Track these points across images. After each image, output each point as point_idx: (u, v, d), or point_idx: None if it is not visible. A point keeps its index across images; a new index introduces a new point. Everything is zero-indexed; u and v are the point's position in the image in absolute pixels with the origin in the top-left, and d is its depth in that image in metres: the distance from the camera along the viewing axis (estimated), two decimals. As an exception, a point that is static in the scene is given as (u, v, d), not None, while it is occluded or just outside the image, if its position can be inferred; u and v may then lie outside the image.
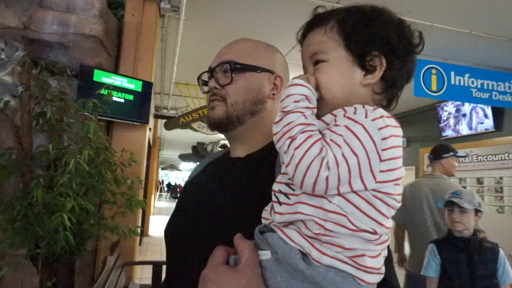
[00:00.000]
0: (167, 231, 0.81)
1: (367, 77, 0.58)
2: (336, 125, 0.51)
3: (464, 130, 6.40)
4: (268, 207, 0.60)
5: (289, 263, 0.50)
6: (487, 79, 4.68)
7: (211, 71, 0.82)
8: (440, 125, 6.85)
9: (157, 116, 7.82)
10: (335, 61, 0.58)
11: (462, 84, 4.56)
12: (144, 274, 4.83)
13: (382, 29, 0.58)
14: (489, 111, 5.84)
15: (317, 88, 0.58)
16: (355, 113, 0.51)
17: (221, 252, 0.58)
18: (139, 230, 2.84)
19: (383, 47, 0.57)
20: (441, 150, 2.87)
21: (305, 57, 0.63)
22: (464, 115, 6.35)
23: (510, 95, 4.80)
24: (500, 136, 5.83)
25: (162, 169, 27.64)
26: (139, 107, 3.32)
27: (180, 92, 6.58)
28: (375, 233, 0.50)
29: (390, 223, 0.53)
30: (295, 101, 0.54)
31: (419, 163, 7.49)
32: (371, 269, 0.51)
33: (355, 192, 0.49)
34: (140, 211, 3.30)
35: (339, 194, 0.49)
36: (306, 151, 0.48)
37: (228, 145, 0.89)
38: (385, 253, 0.55)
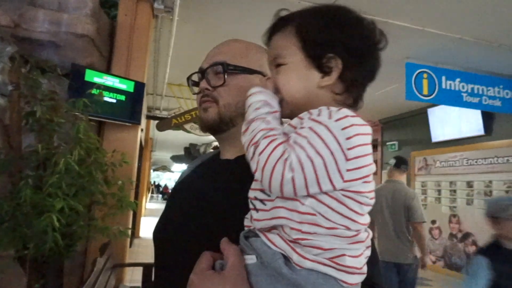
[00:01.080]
0: (155, 232, 0.81)
1: (324, 79, 0.58)
2: (302, 128, 0.52)
3: (454, 134, 6.48)
4: (249, 215, 0.60)
5: (273, 267, 0.51)
6: (478, 83, 4.75)
7: (202, 72, 0.81)
8: (430, 128, 6.92)
9: (149, 117, 7.78)
10: (292, 64, 0.60)
11: (453, 88, 4.61)
12: (134, 276, 4.78)
13: (338, 31, 0.58)
14: (478, 115, 5.92)
15: (278, 90, 0.60)
16: (319, 115, 0.52)
17: (207, 257, 0.58)
18: (129, 231, 2.81)
19: (338, 49, 0.58)
20: (401, 161, 3.58)
21: (269, 61, 0.65)
22: (453, 119, 6.42)
23: (499, 99, 4.87)
24: (489, 140, 5.91)
25: (154, 170, 27.48)
26: (131, 107, 3.30)
27: (173, 93, 6.56)
28: (349, 229, 0.51)
29: (365, 220, 0.54)
30: (256, 109, 0.56)
31: (410, 166, 7.55)
32: (352, 268, 0.51)
33: (325, 193, 0.50)
34: (131, 212, 3.27)
35: (310, 196, 0.50)
36: (269, 155, 0.50)
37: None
38: (367, 253, 0.56)
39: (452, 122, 6.43)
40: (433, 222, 6.87)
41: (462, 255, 6.19)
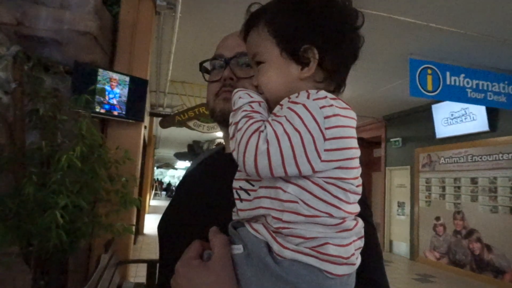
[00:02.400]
0: (159, 225, 0.81)
1: (303, 71, 0.57)
2: (281, 109, 0.53)
3: (458, 130, 6.43)
4: (235, 208, 0.60)
5: (257, 256, 0.51)
6: (482, 79, 4.71)
7: (227, 61, 0.78)
8: (435, 124, 6.87)
9: (152, 114, 7.79)
10: (271, 61, 0.59)
11: (457, 84, 4.58)
12: (138, 273, 4.81)
13: (307, 20, 0.56)
14: (483, 111, 5.87)
15: (260, 90, 0.59)
16: (297, 96, 0.53)
17: (195, 246, 0.58)
18: (133, 228, 2.82)
19: (312, 38, 0.56)
20: None
21: (249, 58, 0.64)
22: (458, 115, 6.38)
23: (504, 95, 4.83)
24: (494, 136, 5.87)
25: (158, 167, 27.56)
26: (134, 104, 3.30)
27: (176, 90, 6.56)
28: (332, 216, 0.50)
29: (351, 208, 0.52)
30: (240, 98, 0.57)
31: (414, 163, 7.52)
32: (338, 258, 0.49)
33: (307, 178, 0.49)
34: (135, 209, 3.29)
35: (292, 183, 0.49)
36: (245, 130, 0.50)
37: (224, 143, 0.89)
38: (359, 244, 0.54)
39: (456, 118, 6.39)
40: (437, 218, 6.85)
41: (466, 251, 6.18)
